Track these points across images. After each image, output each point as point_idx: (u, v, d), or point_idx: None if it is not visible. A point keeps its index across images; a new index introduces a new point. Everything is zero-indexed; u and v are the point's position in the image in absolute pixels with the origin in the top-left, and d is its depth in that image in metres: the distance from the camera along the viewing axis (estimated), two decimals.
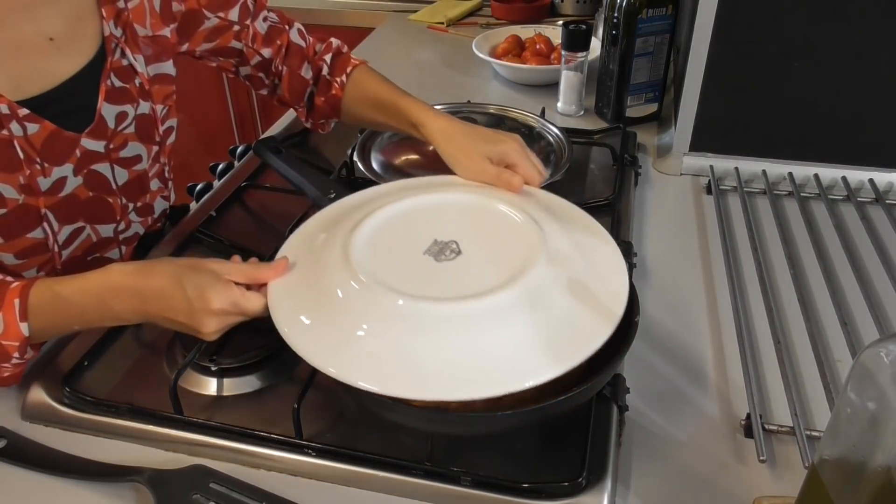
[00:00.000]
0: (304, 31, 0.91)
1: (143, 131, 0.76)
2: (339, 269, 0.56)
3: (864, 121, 0.92)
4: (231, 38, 0.84)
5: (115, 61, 0.72)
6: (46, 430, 0.61)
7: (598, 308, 0.54)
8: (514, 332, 0.52)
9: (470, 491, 0.54)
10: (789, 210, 0.90)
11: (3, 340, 0.58)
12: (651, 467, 0.58)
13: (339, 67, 0.89)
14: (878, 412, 0.36)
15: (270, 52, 0.87)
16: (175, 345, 0.67)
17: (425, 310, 0.52)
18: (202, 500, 0.53)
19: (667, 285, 0.78)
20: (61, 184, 0.70)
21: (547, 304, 0.53)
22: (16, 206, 0.66)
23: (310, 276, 0.58)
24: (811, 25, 0.87)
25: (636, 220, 0.88)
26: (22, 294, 0.58)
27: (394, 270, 0.56)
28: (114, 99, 0.72)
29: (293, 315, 0.55)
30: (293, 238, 0.64)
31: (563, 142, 0.93)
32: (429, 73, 1.36)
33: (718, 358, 0.68)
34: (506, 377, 0.49)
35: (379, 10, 1.72)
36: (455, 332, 0.51)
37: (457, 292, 0.53)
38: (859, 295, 0.74)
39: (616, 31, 1.03)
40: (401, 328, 0.52)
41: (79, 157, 0.70)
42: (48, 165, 0.68)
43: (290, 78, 0.89)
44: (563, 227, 0.61)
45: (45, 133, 0.67)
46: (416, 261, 0.58)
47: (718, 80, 0.92)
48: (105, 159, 0.73)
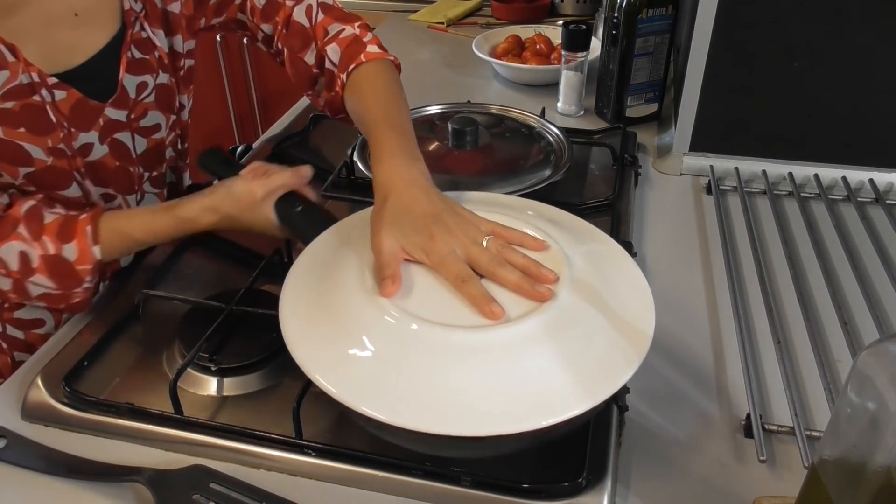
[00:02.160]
0: (316, 8, 0.81)
1: (162, 100, 0.78)
2: (358, 292, 0.53)
3: (864, 121, 0.92)
4: (236, 11, 0.82)
5: (135, 34, 0.74)
6: (46, 430, 0.61)
7: (626, 332, 0.52)
8: (538, 363, 0.48)
9: (470, 491, 0.54)
10: (789, 210, 0.90)
11: (77, 265, 0.65)
12: (651, 467, 0.58)
13: (347, 60, 0.77)
14: (877, 412, 0.36)
15: (270, 27, 0.82)
16: (175, 345, 0.67)
17: (444, 338, 0.49)
18: (202, 500, 0.53)
19: (667, 285, 0.78)
20: (88, 149, 0.73)
21: (573, 332, 0.51)
22: (44, 167, 0.70)
23: (326, 294, 0.55)
24: (811, 25, 0.87)
25: (636, 220, 0.88)
26: (93, 221, 0.66)
27: (415, 294, 0.53)
28: (134, 70, 0.74)
29: (306, 335, 0.53)
30: (315, 245, 0.62)
31: (563, 142, 0.93)
32: (429, 73, 1.36)
33: (718, 358, 0.68)
34: (532, 412, 0.46)
35: (379, 10, 1.72)
36: (475, 362, 0.48)
37: (478, 320, 0.50)
38: (859, 295, 0.74)
39: (616, 31, 1.03)
40: (423, 357, 0.49)
41: (102, 126, 0.73)
42: (75, 130, 0.71)
43: (292, 61, 0.82)
44: (584, 248, 0.59)
45: (73, 100, 0.70)
46: (436, 285, 0.54)
47: (718, 79, 0.92)
48: (126, 128, 0.76)
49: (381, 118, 0.68)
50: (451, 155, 0.91)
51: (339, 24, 0.80)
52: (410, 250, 0.54)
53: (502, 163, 0.90)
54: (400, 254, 0.54)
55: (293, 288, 0.57)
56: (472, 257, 0.54)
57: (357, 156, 0.90)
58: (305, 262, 0.60)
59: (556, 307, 0.51)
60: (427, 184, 0.60)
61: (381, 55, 0.78)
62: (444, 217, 0.56)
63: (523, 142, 0.95)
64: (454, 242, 0.54)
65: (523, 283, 0.52)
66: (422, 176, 0.61)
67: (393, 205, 0.57)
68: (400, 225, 0.55)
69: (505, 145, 0.94)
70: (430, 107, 1.03)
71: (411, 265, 0.55)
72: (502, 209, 0.62)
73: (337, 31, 0.79)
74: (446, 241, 0.54)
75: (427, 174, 0.61)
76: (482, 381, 0.48)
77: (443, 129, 0.94)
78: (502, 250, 0.55)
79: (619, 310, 0.54)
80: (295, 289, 0.57)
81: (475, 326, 0.50)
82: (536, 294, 0.52)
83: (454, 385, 0.48)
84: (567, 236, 0.60)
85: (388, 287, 0.51)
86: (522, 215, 0.62)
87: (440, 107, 1.03)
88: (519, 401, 0.47)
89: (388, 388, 0.48)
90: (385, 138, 0.65)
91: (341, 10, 0.83)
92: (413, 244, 0.54)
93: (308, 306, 0.55)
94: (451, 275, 0.53)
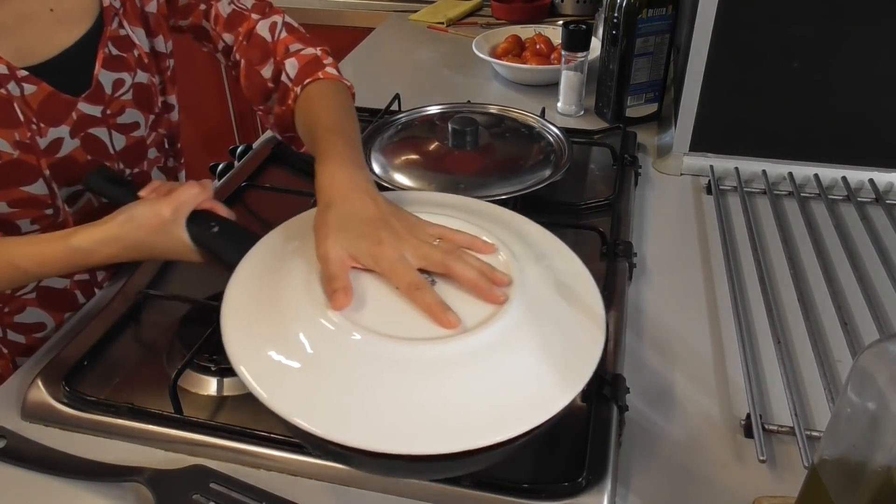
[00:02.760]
0: (281, 26, 0.81)
1: (140, 99, 0.78)
2: (303, 303, 0.50)
3: (864, 121, 0.92)
4: (201, 17, 0.83)
5: (113, 31, 0.74)
6: (46, 430, 0.61)
7: (582, 323, 0.51)
8: (503, 373, 0.47)
9: (470, 491, 0.54)
10: (789, 210, 0.90)
11: None
12: (651, 467, 0.58)
13: (303, 75, 0.76)
14: (877, 412, 0.36)
15: (232, 38, 0.82)
16: (175, 345, 0.67)
17: (404, 352, 0.46)
18: (202, 500, 0.53)
19: (667, 285, 0.78)
20: (58, 144, 0.71)
21: (531, 337, 0.49)
22: (10, 160, 0.68)
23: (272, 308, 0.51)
24: (811, 25, 0.87)
25: (636, 220, 0.88)
26: None
27: (367, 306, 0.50)
28: (111, 66, 0.74)
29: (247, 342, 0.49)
30: (265, 243, 0.58)
31: (563, 142, 0.93)
32: (429, 73, 1.36)
33: (718, 358, 0.68)
34: (507, 418, 0.44)
35: (379, 10, 1.72)
36: (438, 375, 0.46)
37: (435, 331, 0.48)
38: (859, 295, 0.74)
39: (616, 31, 1.03)
40: (381, 372, 0.46)
41: (75, 120, 0.72)
42: (44, 126, 0.69)
43: (248, 73, 0.80)
44: (529, 246, 0.58)
45: (43, 94, 0.69)
46: (387, 293, 0.51)
47: (718, 80, 0.92)
48: (102, 124, 0.75)
49: (331, 127, 0.67)
50: (451, 155, 0.91)
51: (301, 45, 0.80)
52: (358, 257, 0.52)
53: (502, 163, 0.90)
54: (348, 261, 0.52)
55: (234, 300, 0.52)
56: (424, 255, 0.52)
57: None
58: (247, 271, 0.55)
59: (511, 311, 0.49)
60: (372, 188, 0.58)
61: (338, 78, 0.78)
62: (391, 221, 0.54)
63: (523, 142, 0.95)
64: (403, 246, 0.52)
65: (481, 280, 0.50)
66: (367, 181, 0.59)
67: (337, 210, 0.55)
68: (346, 231, 0.53)
69: (505, 145, 0.94)
70: (430, 107, 1.03)
71: (361, 272, 0.52)
72: (448, 210, 0.60)
73: (298, 49, 0.79)
74: (395, 245, 0.52)
75: (372, 181, 0.60)
76: (446, 394, 0.45)
77: (443, 129, 0.94)
78: (453, 252, 0.53)
79: (571, 303, 0.53)
80: (236, 302, 0.52)
81: (435, 338, 0.47)
82: (493, 296, 0.50)
83: (419, 400, 0.45)
84: (512, 236, 0.58)
85: (340, 300, 0.48)
86: (469, 216, 0.59)
87: (440, 107, 1.03)
88: (487, 411, 0.45)
89: (344, 406, 0.45)
90: (331, 145, 0.63)
91: (305, 34, 0.83)
92: (361, 251, 0.52)
93: (252, 321, 0.50)
94: (402, 283, 0.50)
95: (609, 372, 0.62)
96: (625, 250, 0.78)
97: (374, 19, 1.69)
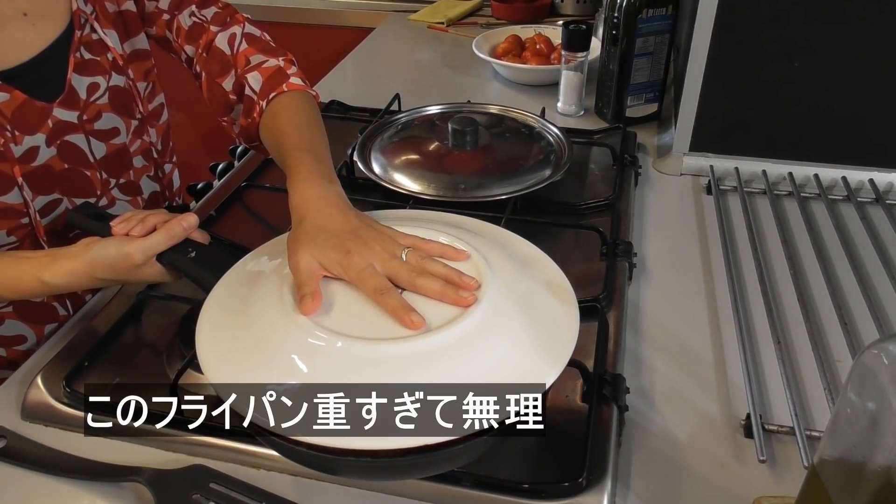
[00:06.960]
0: (240, 38, 0.80)
1: (118, 103, 0.77)
2: (278, 315, 0.51)
3: (864, 121, 0.92)
4: (164, 27, 0.83)
5: (85, 35, 0.74)
6: (46, 430, 0.61)
7: (556, 321, 0.51)
8: (466, 370, 0.47)
9: (470, 491, 0.54)
10: (789, 210, 0.90)
11: None
12: (651, 467, 0.58)
13: (268, 88, 0.76)
14: (878, 412, 0.36)
15: (193, 50, 0.82)
16: (175, 345, 0.67)
17: (368, 352, 0.48)
18: (202, 500, 0.53)
19: (667, 285, 0.78)
20: (34, 153, 0.71)
21: (498, 336, 0.50)
22: None
23: (247, 321, 0.52)
24: (811, 25, 0.87)
25: (636, 220, 0.88)
26: None
27: (335, 310, 0.51)
28: (83, 70, 0.74)
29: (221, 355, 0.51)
30: (240, 264, 0.60)
31: (563, 142, 0.93)
32: (429, 73, 1.36)
33: (718, 358, 0.68)
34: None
35: (379, 10, 1.72)
36: (401, 374, 0.46)
37: (401, 331, 0.49)
38: (859, 295, 0.74)
39: (616, 31, 1.03)
40: (349, 372, 0.47)
41: (51, 128, 0.72)
42: (19, 134, 0.69)
43: (210, 85, 0.80)
44: (504, 252, 0.58)
45: (16, 103, 0.69)
46: (357, 299, 0.53)
47: (718, 80, 0.92)
48: (79, 130, 0.75)
49: (298, 142, 0.67)
50: (451, 155, 0.91)
51: (262, 56, 0.79)
52: (328, 266, 0.53)
53: (502, 163, 0.90)
54: (318, 270, 0.53)
55: (210, 320, 0.54)
56: (391, 271, 0.53)
57: (357, 156, 0.90)
58: (222, 289, 0.57)
59: (479, 310, 0.50)
60: (344, 203, 0.59)
61: (303, 88, 0.77)
62: (361, 233, 0.56)
63: (523, 142, 0.95)
64: (371, 256, 0.54)
65: (446, 290, 0.51)
66: (338, 196, 0.60)
67: (309, 224, 0.57)
68: (316, 242, 0.54)
69: (505, 145, 0.94)
70: (430, 107, 1.03)
71: (332, 282, 0.54)
72: (423, 224, 0.61)
73: (260, 62, 0.78)
74: (363, 255, 0.54)
75: (343, 195, 0.61)
76: (414, 389, 0.45)
77: (443, 129, 0.94)
78: (422, 262, 0.54)
79: (544, 306, 0.53)
80: (212, 320, 0.54)
81: (398, 338, 0.48)
82: (461, 300, 0.51)
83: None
84: (487, 243, 0.59)
85: (308, 304, 0.50)
86: (444, 228, 0.60)
87: (440, 107, 1.03)
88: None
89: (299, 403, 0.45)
90: (300, 161, 0.64)
91: (268, 42, 0.82)
92: (330, 260, 0.53)
93: (228, 337, 0.52)
94: (369, 288, 0.52)
95: (609, 372, 0.62)
96: (625, 250, 0.78)
97: (374, 19, 1.69)
